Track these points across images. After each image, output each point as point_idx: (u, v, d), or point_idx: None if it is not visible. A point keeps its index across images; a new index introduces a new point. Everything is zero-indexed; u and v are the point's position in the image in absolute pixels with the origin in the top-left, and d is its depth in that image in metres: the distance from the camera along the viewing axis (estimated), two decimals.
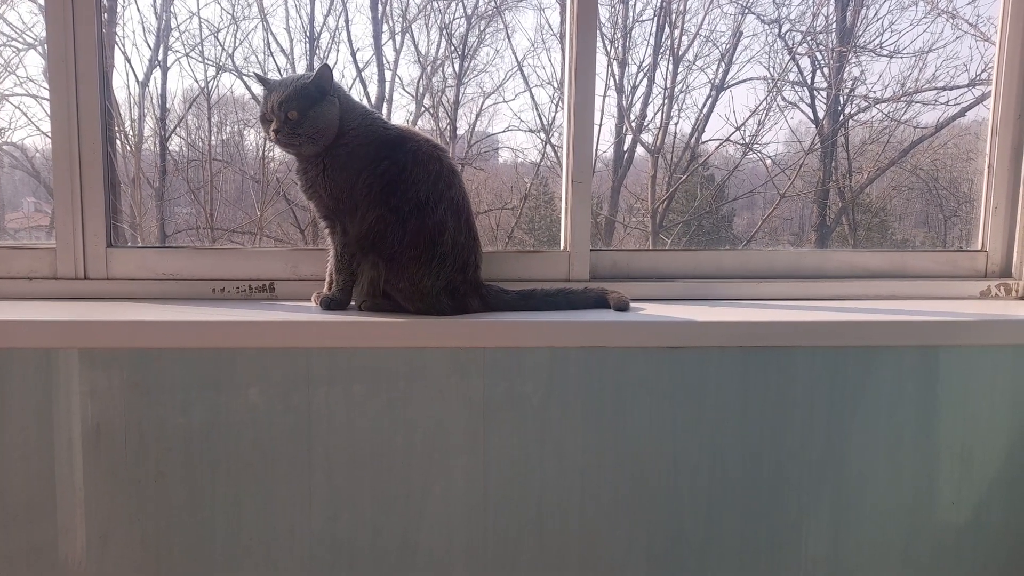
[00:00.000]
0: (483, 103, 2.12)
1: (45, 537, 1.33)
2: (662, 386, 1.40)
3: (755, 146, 2.24)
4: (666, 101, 2.21)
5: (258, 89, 1.44)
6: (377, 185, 1.32)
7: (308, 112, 1.31)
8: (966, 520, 1.50)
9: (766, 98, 2.16)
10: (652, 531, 1.44)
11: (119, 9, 1.81)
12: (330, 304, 1.40)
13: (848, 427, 1.45)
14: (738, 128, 2.19)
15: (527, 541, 1.42)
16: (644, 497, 1.43)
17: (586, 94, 1.57)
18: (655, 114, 2.23)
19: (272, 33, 1.96)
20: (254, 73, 1.40)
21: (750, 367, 1.41)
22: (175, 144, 2.05)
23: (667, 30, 2.17)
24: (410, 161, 1.33)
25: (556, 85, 2.05)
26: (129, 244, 1.58)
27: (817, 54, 2.20)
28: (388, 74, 2.05)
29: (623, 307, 1.45)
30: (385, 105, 2.05)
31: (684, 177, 2.32)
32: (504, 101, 2.10)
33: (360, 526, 1.38)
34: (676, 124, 2.25)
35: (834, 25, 2.17)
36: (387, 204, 1.32)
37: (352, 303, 1.41)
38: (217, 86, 2.00)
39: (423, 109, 2.12)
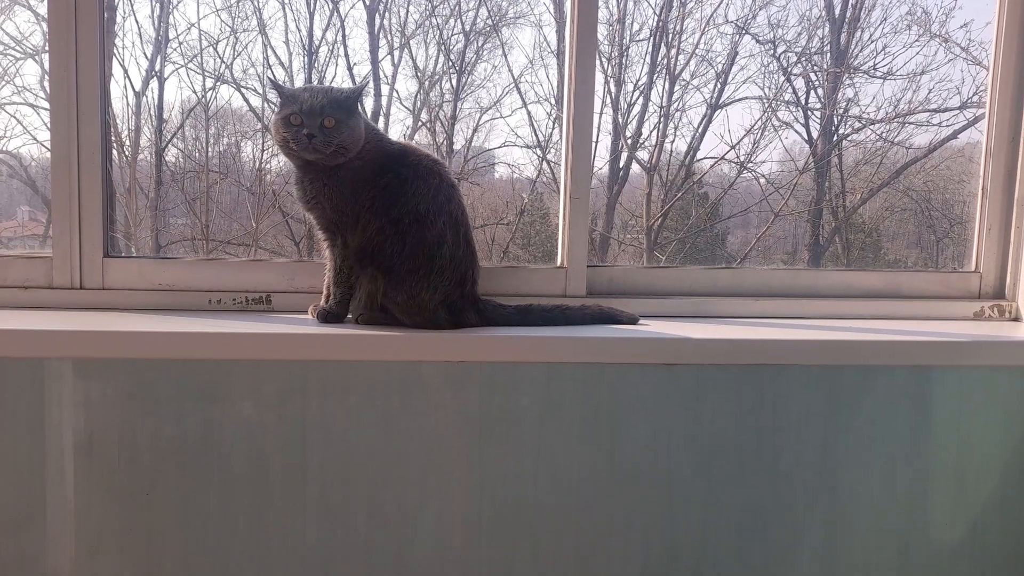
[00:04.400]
0: (480, 118, 2.14)
1: (34, 548, 1.32)
2: (658, 403, 1.40)
3: (749, 165, 2.25)
4: (662, 119, 2.22)
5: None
6: (379, 197, 1.33)
7: (347, 122, 1.30)
8: (961, 540, 1.50)
9: (761, 118, 2.18)
10: (647, 548, 1.44)
11: (118, 19, 1.81)
12: (327, 317, 1.39)
13: (843, 446, 1.45)
14: (733, 147, 2.20)
15: (522, 557, 1.41)
16: (639, 514, 1.43)
17: (585, 112, 1.58)
18: (651, 132, 2.25)
19: (271, 46, 1.97)
20: (269, 78, 1.40)
21: (745, 385, 1.42)
22: (172, 155, 2.05)
23: (663, 49, 2.18)
24: (411, 174, 1.34)
25: (553, 102, 2.06)
26: (125, 255, 1.58)
27: (812, 75, 2.22)
28: (385, 88, 2.06)
29: (634, 321, 1.50)
30: (382, 119, 2.06)
31: (679, 195, 2.33)
32: (501, 117, 2.11)
33: (354, 540, 1.37)
34: (671, 142, 2.26)
35: (828, 47, 2.19)
36: (387, 216, 1.32)
37: (349, 316, 1.41)
38: (216, 97, 2.00)
39: (420, 123, 2.13)
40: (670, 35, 2.18)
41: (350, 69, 2.05)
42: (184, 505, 1.33)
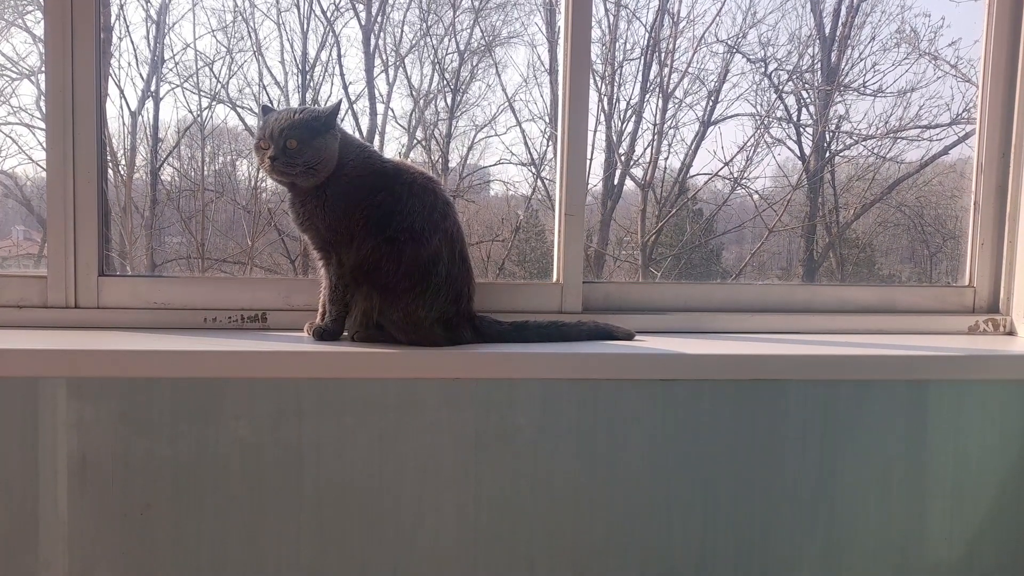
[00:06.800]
0: (475, 136, 2.14)
1: (26, 570, 1.30)
2: (654, 419, 1.40)
3: (743, 181, 2.26)
4: (655, 136, 2.23)
5: (252, 120, 1.44)
6: (374, 216, 1.33)
7: (310, 142, 1.30)
8: (959, 556, 1.49)
9: (754, 134, 2.19)
10: (644, 565, 1.43)
11: (114, 40, 1.82)
12: (323, 335, 1.39)
13: (840, 460, 1.45)
14: (726, 163, 2.21)
15: (519, 574, 1.40)
16: (636, 530, 1.42)
17: (579, 129, 1.59)
18: (644, 149, 2.26)
19: (267, 66, 1.97)
20: (263, 106, 1.40)
21: (742, 400, 1.42)
22: (167, 174, 2.05)
23: (656, 68, 2.20)
24: (406, 192, 1.34)
25: (547, 120, 2.08)
26: (120, 273, 1.58)
27: (803, 92, 2.24)
28: (380, 107, 2.07)
29: (629, 336, 1.50)
30: (377, 137, 2.06)
31: (673, 211, 2.34)
32: (496, 135, 2.12)
33: (349, 560, 1.36)
34: (665, 159, 2.27)
35: (819, 64, 2.21)
36: (383, 234, 1.32)
37: (345, 334, 1.41)
38: (211, 116, 2.01)
39: (415, 142, 2.14)
40: (662, 54, 2.20)
41: (345, 88, 2.05)
42: (178, 525, 1.32)
